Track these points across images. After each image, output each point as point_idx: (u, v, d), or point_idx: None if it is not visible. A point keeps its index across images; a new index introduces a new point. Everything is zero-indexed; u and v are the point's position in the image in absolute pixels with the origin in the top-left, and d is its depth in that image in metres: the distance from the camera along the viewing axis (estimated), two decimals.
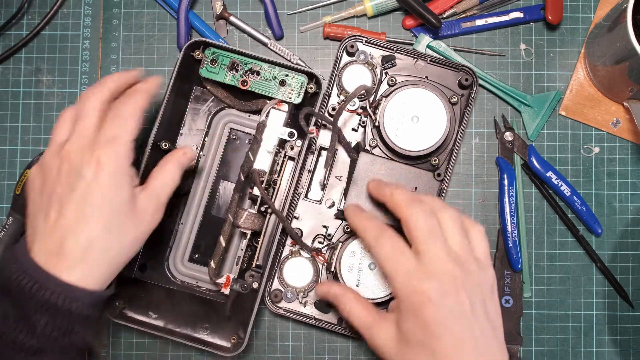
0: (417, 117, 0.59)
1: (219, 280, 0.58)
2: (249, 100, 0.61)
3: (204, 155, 0.62)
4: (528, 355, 0.63)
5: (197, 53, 0.57)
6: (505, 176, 0.63)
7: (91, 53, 0.65)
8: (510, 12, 0.64)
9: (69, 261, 0.44)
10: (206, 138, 0.62)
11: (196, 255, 0.62)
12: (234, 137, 0.62)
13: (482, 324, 0.46)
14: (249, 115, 0.62)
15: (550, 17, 0.62)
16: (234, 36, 0.65)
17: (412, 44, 0.64)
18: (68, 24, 0.65)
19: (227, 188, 0.62)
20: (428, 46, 0.63)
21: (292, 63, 0.64)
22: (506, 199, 0.63)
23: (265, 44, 0.64)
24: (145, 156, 0.56)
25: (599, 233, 0.63)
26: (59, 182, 0.46)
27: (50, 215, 0.45)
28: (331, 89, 0.61)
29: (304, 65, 0.64)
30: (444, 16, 0.64)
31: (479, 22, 0.64)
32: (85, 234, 0.45)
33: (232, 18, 0.64)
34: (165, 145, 0.58)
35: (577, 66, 0.64)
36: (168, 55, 0.65)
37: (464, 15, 0.65)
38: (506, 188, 0.63)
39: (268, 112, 0.58)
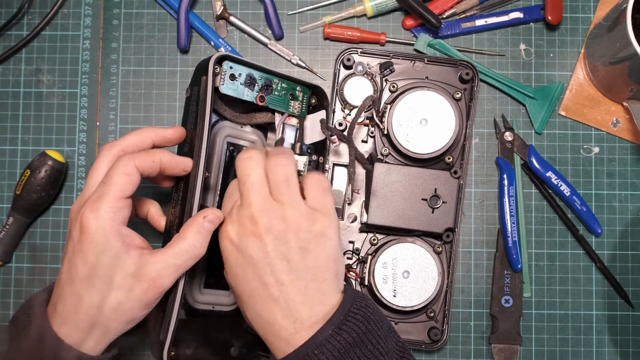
0: (425, 119, 0.59)
1: None
2: (247, 112, 0.58)
3: (207, 174, 0.56)
4: (528, 355, 0.63)
5: (216, 68, 0.52)
6: (505, 176, 0.63)
7: (91, 53, 0.65)
8: (510, 12, 0.64)
9: (59, 317, 0.46)
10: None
11: (211, 280, 0.57)
12: (232, 150, 0.58)
13: (295, 272, 0.45)
14: (242, 127, 0.59)
15: (550, 17, 0.62)
16: (234, 36, 0.65)
17: (412, 44, 0.64)
18: (68, 24, 0.65)
19: None
20: (429, 44, 0.63)
21: (292, 63, 0.64)
22: (506, 199, 0.63)
23: (265, 44, 0.64)
24: (197, 193, 0.50)
25: (599, 233, 0.63)
26: (67, 239, 0.48)
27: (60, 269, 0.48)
28: (334, 105, 0.61)
29: (304, 65, 0.64)
30: (444, 16, 0.64)
31: (479, 22, 0.64)
32: (69, 293, 0.46)
33: (232, 18, 0.64)
34: (206, 173, 0.52)
35: (576, 66, 0.64)
36: (168, 56, 0.65)
37: (464, 15, 0.65)
38: (506, 188, 0.63)
39: (283, 128, 0.58)
